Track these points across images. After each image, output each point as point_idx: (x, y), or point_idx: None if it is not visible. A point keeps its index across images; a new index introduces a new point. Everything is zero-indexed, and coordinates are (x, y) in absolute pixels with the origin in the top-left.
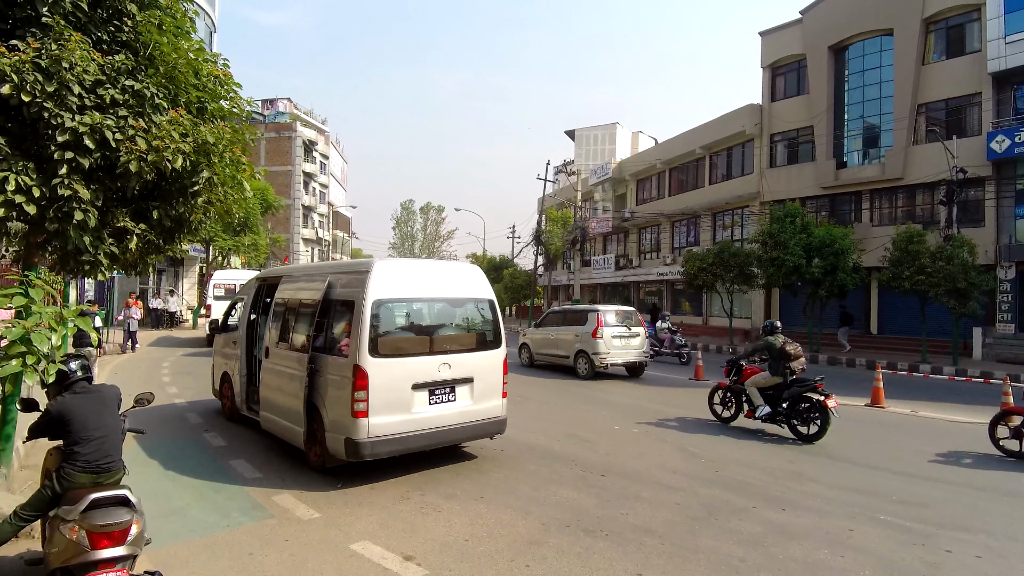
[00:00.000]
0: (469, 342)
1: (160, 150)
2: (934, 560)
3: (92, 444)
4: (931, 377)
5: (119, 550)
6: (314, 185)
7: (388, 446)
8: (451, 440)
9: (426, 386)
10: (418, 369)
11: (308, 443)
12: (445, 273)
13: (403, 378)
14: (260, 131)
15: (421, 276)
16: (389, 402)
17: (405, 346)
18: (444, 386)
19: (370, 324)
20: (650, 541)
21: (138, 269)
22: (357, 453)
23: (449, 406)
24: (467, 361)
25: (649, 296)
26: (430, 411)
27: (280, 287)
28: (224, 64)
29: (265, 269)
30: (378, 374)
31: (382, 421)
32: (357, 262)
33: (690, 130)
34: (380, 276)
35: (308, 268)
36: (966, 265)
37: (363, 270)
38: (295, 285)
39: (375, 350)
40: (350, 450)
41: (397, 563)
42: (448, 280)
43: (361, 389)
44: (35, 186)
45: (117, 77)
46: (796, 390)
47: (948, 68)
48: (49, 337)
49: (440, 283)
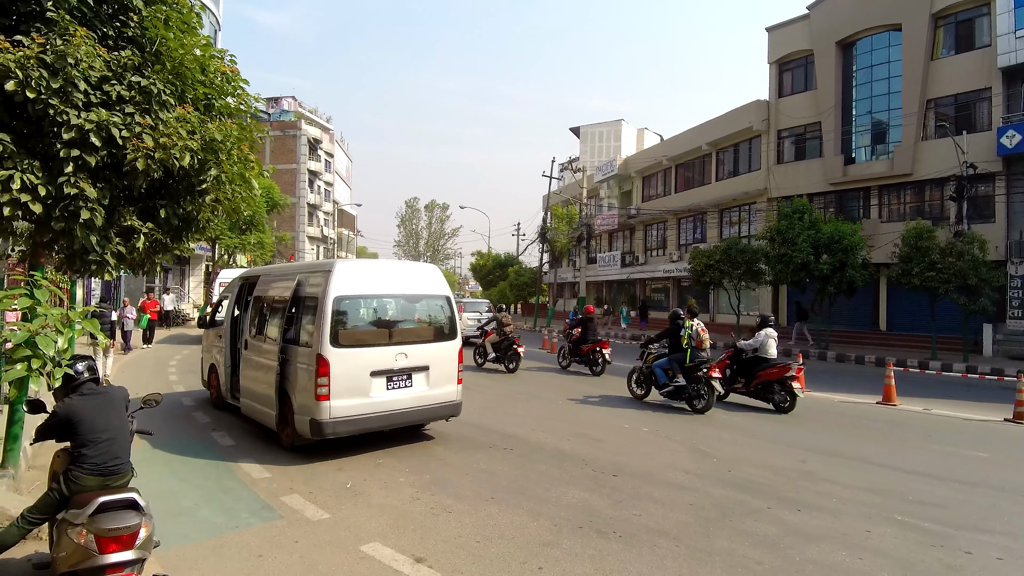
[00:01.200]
0: (426, 334)
1: (168, 148)
2: (954, 562)
3: (100, 446)
4: (943, 374)
5: (128, 554)
6: (319, 183)
7: (348, 426)
8: (408, 421)
9: (384, 373)
10: (376, 358)
11: (280, 425)
12: (404, 272)
13: (362, 366)
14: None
15: (381, 275)
16: (349, 387)
17: (364, 337)
18: (401, 373)
19: (331, 317)
20: (664, 543)
21: (145, 268)
22: (320, 432)
23: (406, 391)
24: (423, 351)
25: (655, 293)
26: (388, 395)
27: (258, 285)
28: (231, 60)
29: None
30: (338, 362)
31: (342, 404)
32: (322, 262)
33: (696, 127)
34: (341, 275)
35: (282, 268)
36: (976, 261)
37: (327, 269)
38: (271, 283)
39: (336, 341)
40: (314, 429)
41: (408, 565)
42: (406, 278)
43: (323, 375)
44: (41, 185)
45: (123, 73)
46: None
47: (957, 63)
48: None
49: (399, 281)
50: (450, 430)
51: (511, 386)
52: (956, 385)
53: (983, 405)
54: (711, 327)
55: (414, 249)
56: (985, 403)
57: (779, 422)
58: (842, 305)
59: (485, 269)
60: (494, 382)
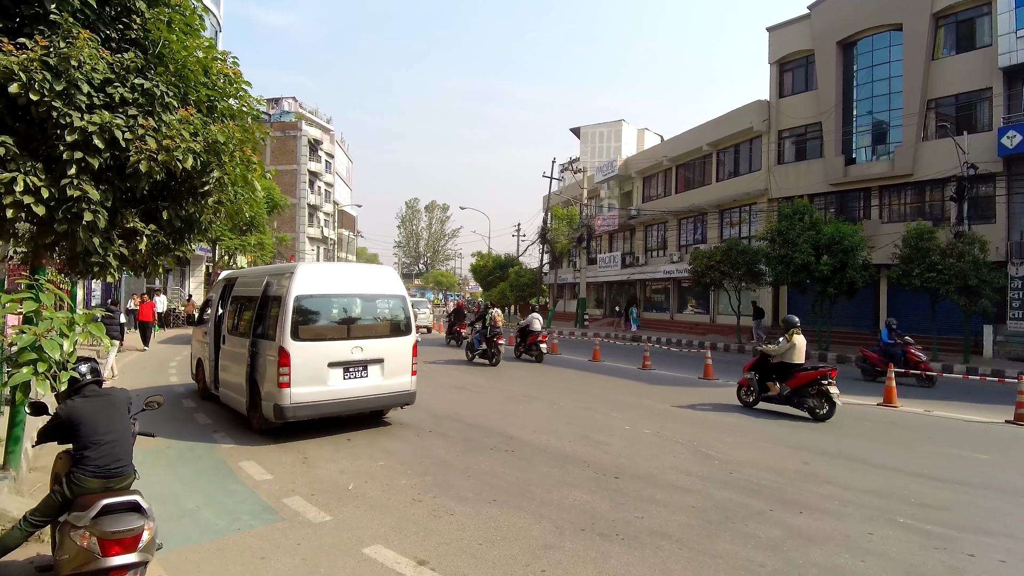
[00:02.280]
0: (382, 330)
1: (171, 150)
2: (957, 565)
3: (102, 448)
4: (944, 376)
5: (130, 557)
6: (319, 184)
7: (306, 411)
8: (363, 408)
9: (341, 364)
10: (333, 351)
11: (250, 410)
12: (362, 274)
13: (320, 358)
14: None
15: (339, 276)
16: (308, 376)
17: (323, 332)
18: (357, 365)
19: (292, 314)
20: (667, 545)
21: (147, 270)
22: (282, 415)
23: (362, 381)
24: (378, 345)
25: (655, 294)
26: (344, 384)
27: (235, 286)
28: (233, 62)
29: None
30: (298, 354)
31: (302, 391)
32: (288, 265)
33: (697, 127)
34: (302, 276)
35: (255, 270)
36: (977, 262)
37: (290, 272)
38: (246, 285)
39: (296, 335)
40: (277, 414)
41: (411, 568)
42: (364, 279)
43: (284, 366)
44: (44, 187)
45: (126, 75)
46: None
47: (958, 63)
48: (60, 344)
49: (357, 282)
50: (453, 430)
51: (504, 380)
52: (957, 386)
53: (984, 407)
54: (711, 328)
55: (414, 250)
56: (986, 404)
57: (781, 425)
58: (842, 306)
59: (485, 270)
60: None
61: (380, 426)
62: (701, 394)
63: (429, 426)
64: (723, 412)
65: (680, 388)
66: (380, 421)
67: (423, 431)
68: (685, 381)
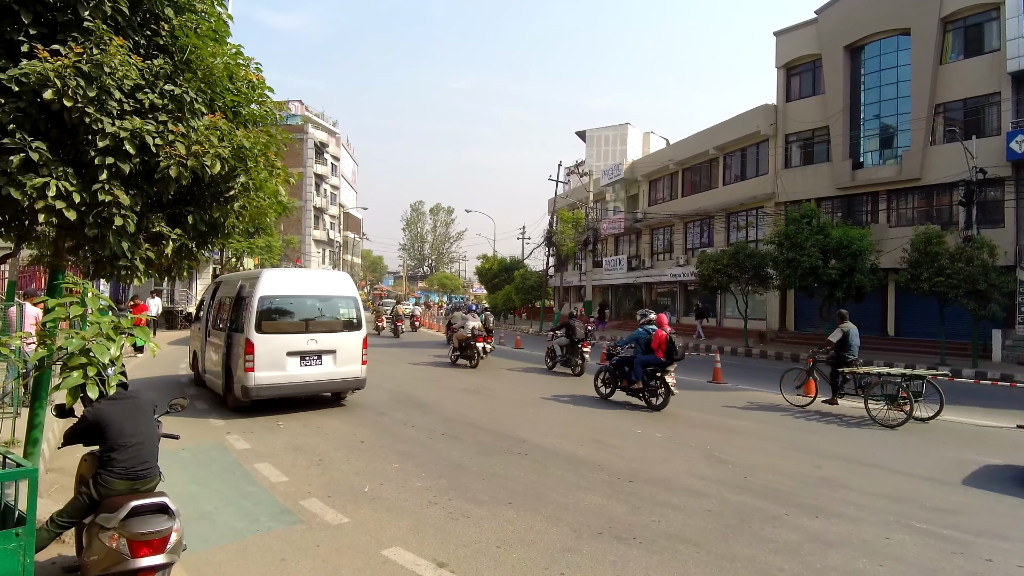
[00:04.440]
0: (335, 326)
1: (199, 155)
2: (975, 570)
3: (129, 451)
4: (953, 380)
5: (159, 558)
6: (325, 187)
7: (268, 391)
8: (318, 391)
9: (298, 354)
10: (292, 342)
11: (225, 392)
12: (319, 278)
13: (280, 348)
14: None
15: (300, 280)
16: (269, 362)
17: (283, 326)
18: (312, 354)
19: (256, 311)
20: (685, 549)
21: (172, 273)
22: (247, 395)
23: (316, 368)
24: (331, 338)
25: (661, 297)
26: (301, 371)
27: (219, 289)
28: (256, 68)
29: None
30: (261, 344)
31: (263, 375)
32: (257, 271)
33: (703, 131)
34: (267, 280)
35: (235, 275)
36: (986, 266)
37: (257, 276)
38: (227, 288)
39: (260, 328)
40: (243, 393)
41: (431, 570)
42: (321, 283)
43: (249, 354)
44: (75, 191)
45: (156, 82)
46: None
47: (966, 68)
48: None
49: (314, 285)
50: (464, 433)
51: (510, 384)
52: (966, 391)
53: (994, 411)
54: (718, 331)
55: (419, 252)
56: (996, 409)
57: (792, 428)
58: (850, 310)
59: (490, 273)
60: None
61: (394, 428)
62: (711, 398)
63: (441, 429)
64: (734, 416)
65: (690, 392)
66: (398, 423)
67: (435, 434)
68: (695, 385)
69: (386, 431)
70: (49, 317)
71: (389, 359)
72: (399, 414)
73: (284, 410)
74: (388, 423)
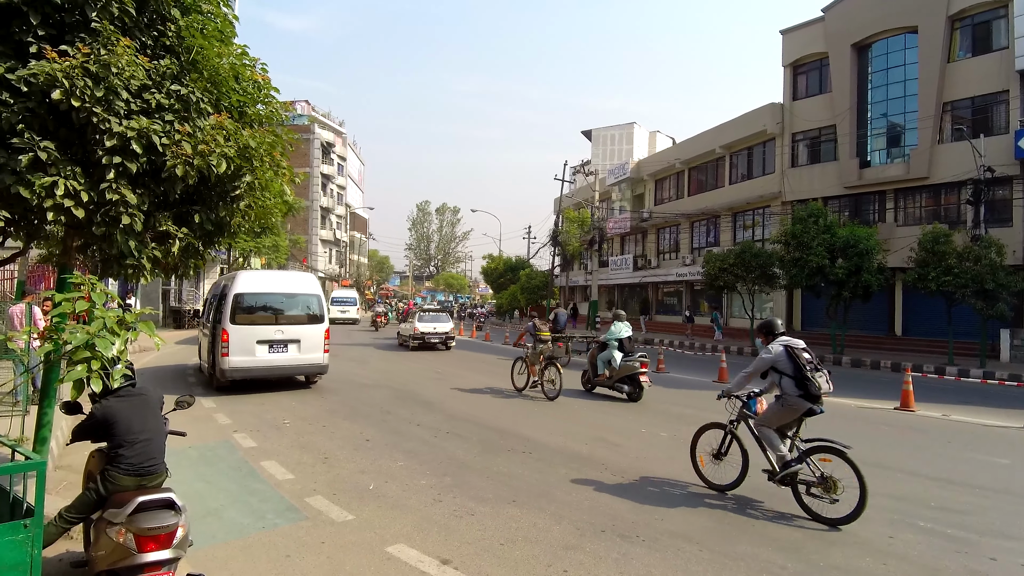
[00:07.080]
0: (301, 319)
1: (205, 154)
2: (979, 568)
3: (137, 447)
4: (961, 380)
5: (165, 553)
6: (332, 187)
7: (240, 373)
8: (284, 374)
9: (267, 342)
10: (261, 332)
11: (210, 375)
12: (287, 278)
13: (251, 337)
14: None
15: (270, 280)
16: (242, 349)
17: (254, 319)
18: (280, 343)
19: (231, 306)
20: (688, 547)
21: (179, 272)
22: (224, 376)
23: (283, 355)
24: (296, 329)
25: (667, 297)
26: (269, 356)
27: (215, 289)
28: (262, 68)
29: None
30: (235, 334)
31: (237, 359)
32: (235, 273)
33: (709, 130)
34: (242, 280)
35: (224, 277)
36: (994, 266)
37: (235, 277)
38: (217, 288)
39: (234, 320)
40: (220, 375)
41: (435, 567)
42: (288, 282)
43: (225, 342)
44: (83, 191)
45: (163, 82)
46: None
47: (974, 65)
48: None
49: (283, 284)
50: (469, 431)
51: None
52: (974, 391)
53: (1002, 411)
54: (725, 331)
55: (425, 252)
56: (1004, 409)
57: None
58: (857, 309)
59: (496, 272)
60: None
61: (400, 426)
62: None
63: (446, 427)
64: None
65: (694, 392)
66: (404, 423)
67: (440, 432)
68: (699, 384)
69: (392, 430)
70: (55, 312)
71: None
72: (404, 412)
73: (290, 410)
74: (394, 421)
